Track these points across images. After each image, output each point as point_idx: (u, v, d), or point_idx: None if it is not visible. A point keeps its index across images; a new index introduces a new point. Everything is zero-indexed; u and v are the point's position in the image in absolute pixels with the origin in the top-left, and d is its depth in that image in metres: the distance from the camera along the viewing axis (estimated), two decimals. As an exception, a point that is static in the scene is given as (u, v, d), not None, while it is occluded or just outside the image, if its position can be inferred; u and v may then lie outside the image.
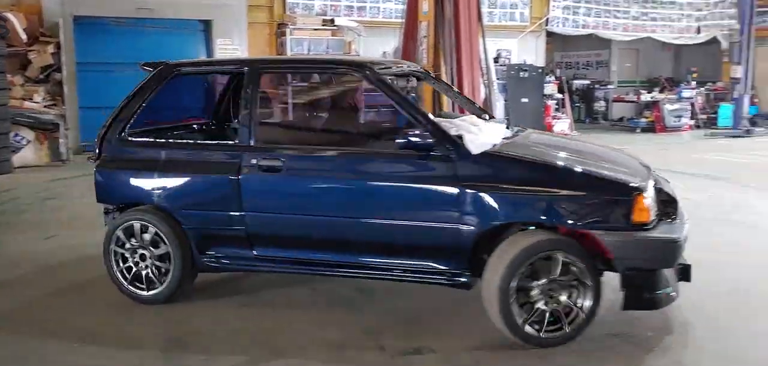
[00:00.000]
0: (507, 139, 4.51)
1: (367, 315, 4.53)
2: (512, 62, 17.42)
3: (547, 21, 18.12)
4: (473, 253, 4.05)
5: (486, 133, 4.32)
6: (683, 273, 4.14)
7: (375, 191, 4.22)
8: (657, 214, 3.97)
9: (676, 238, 3.89)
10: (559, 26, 18.37)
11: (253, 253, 4.53)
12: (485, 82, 8.45)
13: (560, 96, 18.06)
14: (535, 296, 3.87)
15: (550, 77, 18.44)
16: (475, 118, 5.04)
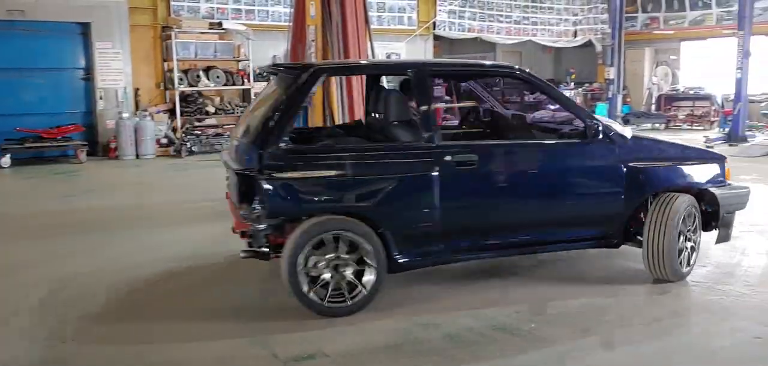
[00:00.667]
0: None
1: (258, 322, 4.46)
2: (401, 65, 17.67)
3: (434, 25, 18.53)
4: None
5: (619, 126, 5.53)
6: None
7: (559, 174, 5.01)
8: None
9: (748, 189, 5.52)
10: (445, 30, 18.84)
11: (442, 246, 4.73)
12: (374, 85, 8.51)
13: (449, 98, 18.51)
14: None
15: (439, 80, 18.85)
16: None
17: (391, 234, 4.54)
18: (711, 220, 5.34)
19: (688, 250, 5.16)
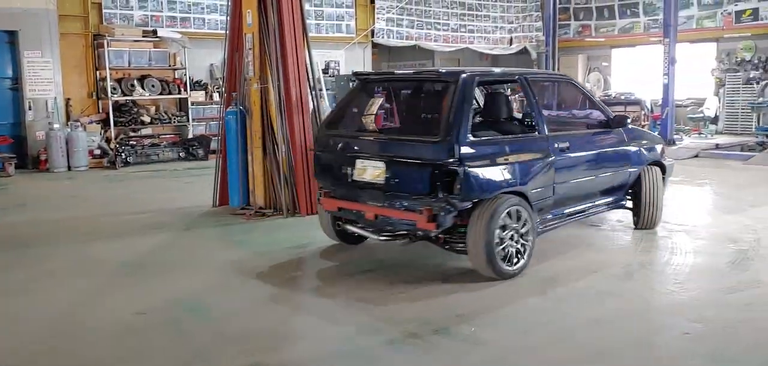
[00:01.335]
0: None
1: (199, 337, 4.40)
2: (341, 73, 17.71)
3: (372, 32, 18.61)
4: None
5: None
6: None
7: (607, 153, 6.59)
8: None
9: (673, 161, 7.77)
10: (384, 37, 18.93)
11: (552, 215, 6.00)
12: (313, 93, 8.50)
13: (389, 105, 18.60)
14: None
15: (379, 87, 18.93)
16: None
17: (533, 207, 5.64)
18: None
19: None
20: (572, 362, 3.97)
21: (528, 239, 5.55)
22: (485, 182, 5.29)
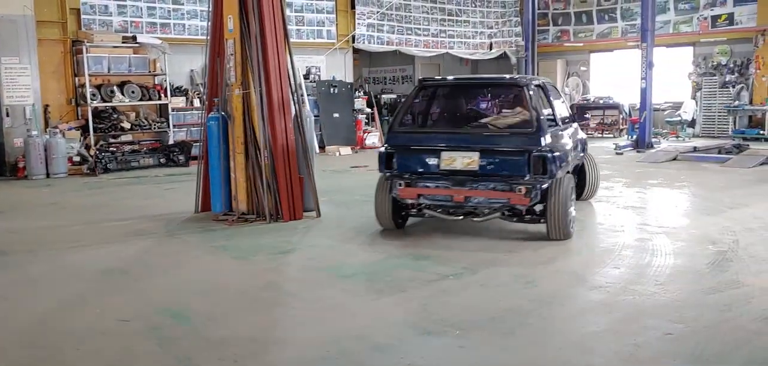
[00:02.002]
0: None
1: (182, 343, 4.37)
2: (322, 78, 17.71)
3: (353, 38, 18.63)
4: None
5: None
6: None
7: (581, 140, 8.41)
8: None
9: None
10: (364, 43, 18.96)
11: None
12: (295, 98, 8.49)
13: (370, 110, 18.64)
14: None
15: (360, 92, 18.97)
16: None
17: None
18: None
19: None
20: (556, 363, 4.01)
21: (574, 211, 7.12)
22: (560, 164, 6.73)
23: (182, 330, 4.60)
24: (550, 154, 6.52)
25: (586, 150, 8.82)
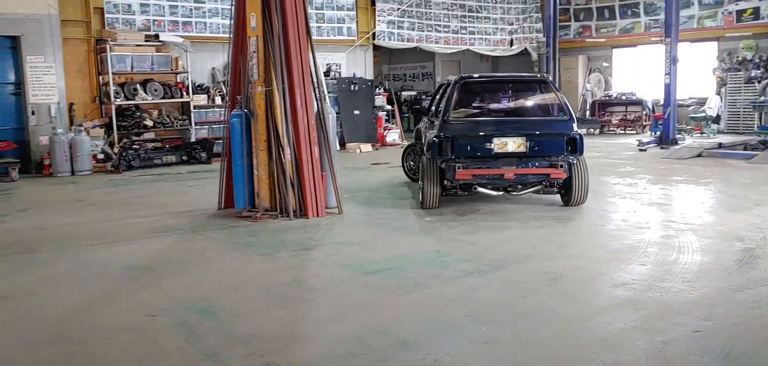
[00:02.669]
0: None
1: (209, 338, 4.40)
2: (342, 75, 17.73)
3: (373, 35, 18.63)
4: None
5: None
6: None
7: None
8: None
9: None
10: (385, 40, 18.96)
11: None
12: (317, 96, 8.50)
13: (390, 107, 18.64)
14: None
15: (380, 89, 18.98)
16: None
17: None
18: None
19: None
20: (584, 360, 3.98)
21: None
22: (583, 145, 8.16)
23: (209, 325, 4.63)
24: (578, 136, 8.10)
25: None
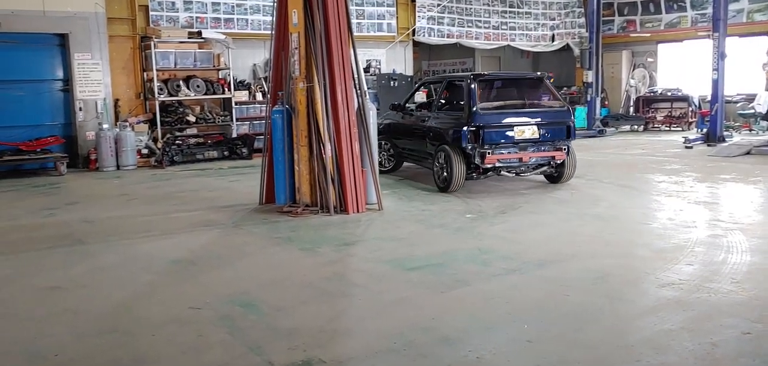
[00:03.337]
0: None
1: (252, 332, 4.44)
2: (382, 71, 17.72)
3: (413, 31, 18.59)
4: None
5: None
6: None
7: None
8: None
9: None
10: (425, 36, 18.90)
11: None
12: (358, 92, 8.52)
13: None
14: None
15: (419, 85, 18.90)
16: None
17: None
18: None
19: None
20: (630, 361, 3.91)
21: None
22: (575, 132, 9.74)
23: (251, 319, 4.67)
24: (573, 124, 9.75)
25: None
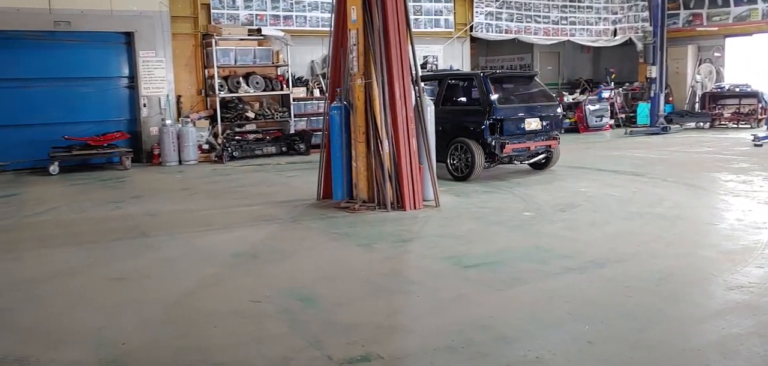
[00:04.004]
0: None
1: (311, 326, 4.49)
2: (439, 67, 17.66)
3: (471, 27, 18.46)
4: None
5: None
6: None
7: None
8: None
9: None
10: (483, 32, 18.75)
11: None
12: (415, 88, 8.51)
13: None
14: None
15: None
16: None
17: None
18: None
19: None
20: (696, 365, 3.79)
21: None
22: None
23: (311, 313, 4.72)
24: (562, 116, 11.46)
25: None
